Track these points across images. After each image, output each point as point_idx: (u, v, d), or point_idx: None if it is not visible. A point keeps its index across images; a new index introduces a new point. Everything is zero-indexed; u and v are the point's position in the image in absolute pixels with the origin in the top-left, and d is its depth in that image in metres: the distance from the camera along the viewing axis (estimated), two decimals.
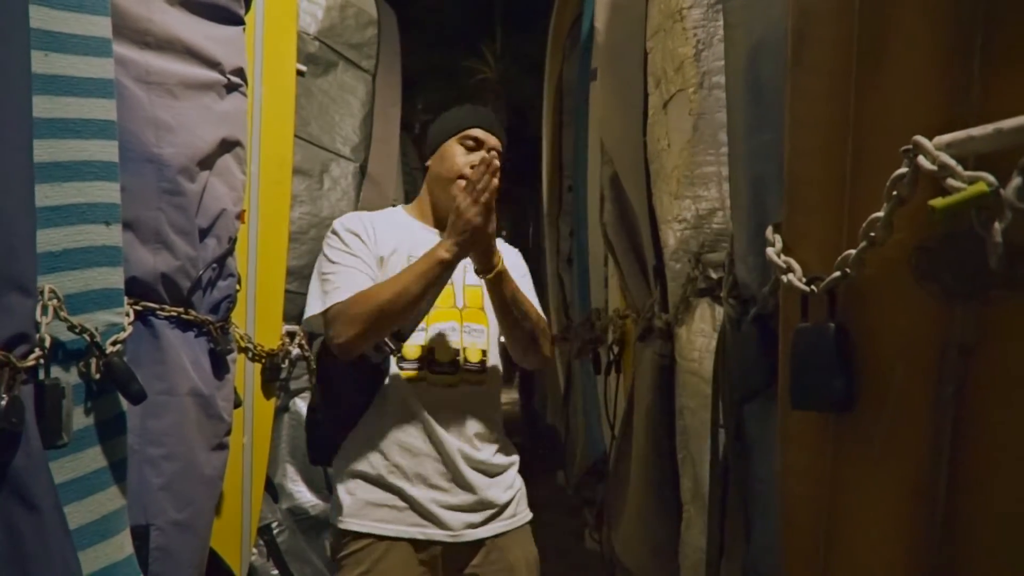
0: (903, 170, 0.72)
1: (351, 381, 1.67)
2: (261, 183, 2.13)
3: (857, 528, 0.81)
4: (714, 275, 1.40)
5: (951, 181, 0.64)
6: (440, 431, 1.63)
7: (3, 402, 1.05)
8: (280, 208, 2.22)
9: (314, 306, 1.63)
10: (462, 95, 14.06)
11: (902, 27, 0.78)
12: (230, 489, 2.01)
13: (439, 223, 1.75)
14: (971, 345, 0.71)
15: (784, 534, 0.91)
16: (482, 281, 1.63)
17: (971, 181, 0.62)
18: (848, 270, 0.79)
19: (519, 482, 1.76)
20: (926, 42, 0.76)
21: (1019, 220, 0.60)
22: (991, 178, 0.61)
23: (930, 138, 0.71)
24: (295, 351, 2.57)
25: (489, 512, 1.67)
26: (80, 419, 1.31)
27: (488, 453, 1.69)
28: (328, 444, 1.73)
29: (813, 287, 0.83)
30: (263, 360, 2.21)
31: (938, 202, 0.63)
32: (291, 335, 2.56)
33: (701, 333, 1.47)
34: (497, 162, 1.49)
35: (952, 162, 0.66)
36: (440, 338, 1.65)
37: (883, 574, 0.79)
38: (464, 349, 1.66)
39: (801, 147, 0.88)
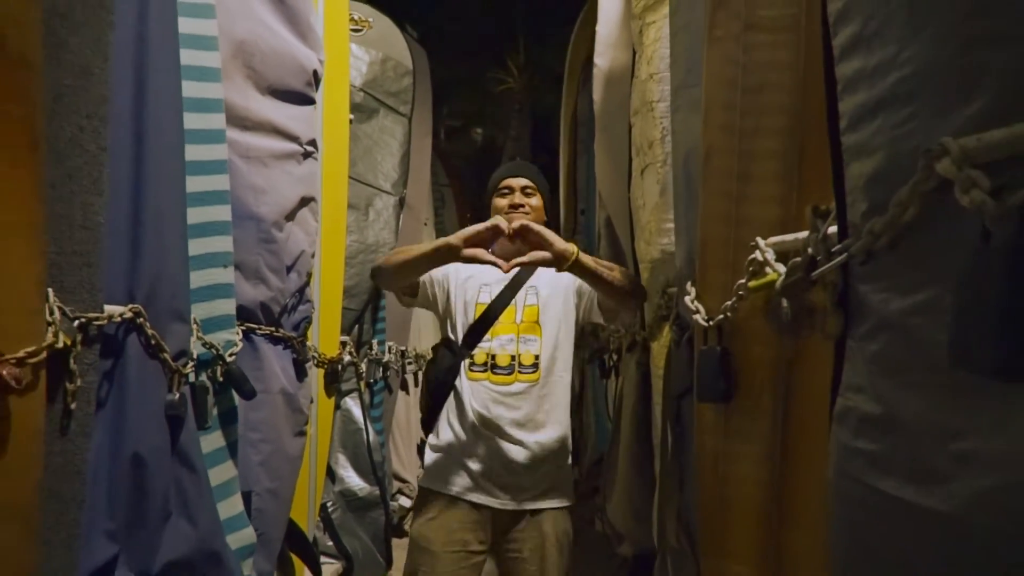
0: (753, 256, 1.19)
1: (438, 380, 2.20)
2: (323, 223, 2.62)
3: (734, 478, 1.28)
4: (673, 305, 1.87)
5: (767, 269, 1.11)
6: (496, 420, 2.09)
7: (176, 397, 1.54)
8: (338, 243, 2.71)
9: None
10: (487, 104, 14.53)
11: (758, 162, 1.25)
12: (300, 472, 2.50)
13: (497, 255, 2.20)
14: (792, 360, 1.18)
15: (699, 488, 1.38)
16: (538, 301, 2.14)
17: (774, 271, 1.09)
18: (728, 314, 1.26)
19: (564, 472, 2.18)
20: (771, 172, 1.23)
21: (797, 296, 1.06)
22: (782, 269, 1.07)
23: (767, 237, 1.18)
24: (346, 358, 3.07)
25: (530, 492, 2.12)
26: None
27: (539, 437, 2.11)
28: (430, 421, 2.25)
29: (710, 323, 1.30)
30: (325, 366, 2.70)
31: (752, 283, 1.10)
32: (343, 344, 3.06)
33: (665, 347, 1.93)
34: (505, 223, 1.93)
35: (771, 258, 1.12)
36: (500, 347, 2.14)
37: (748, 508, 1.26)
38: (519, 355, 2.13)
39: (706, 234, 1.35)
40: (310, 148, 2.21)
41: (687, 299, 1.36)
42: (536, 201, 2.25)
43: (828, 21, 0.84)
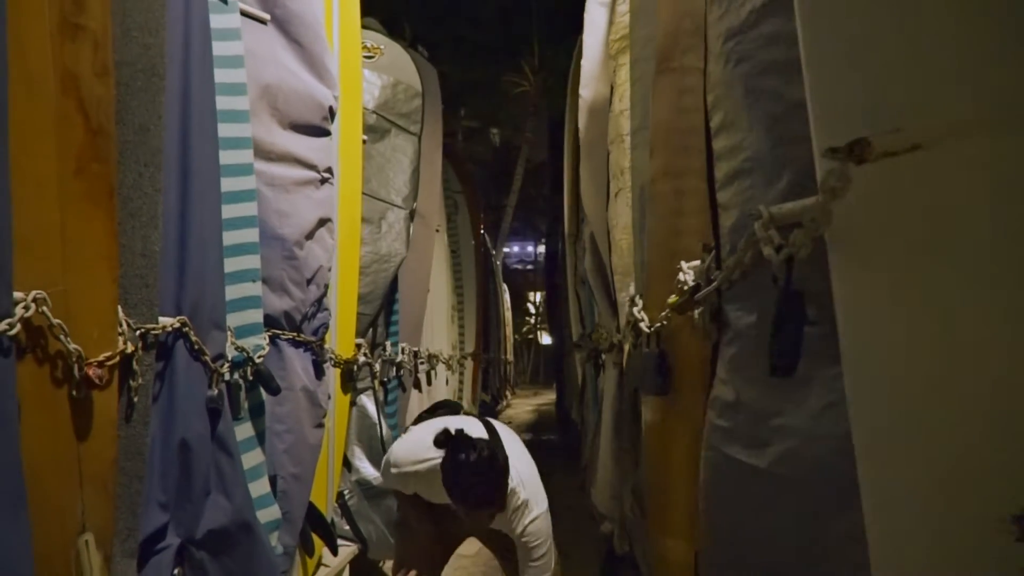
0: (680, 276, 1.47)
1: None
2: (339, 236, 2.92)
3: (670, 463, 1.56)
4: None
5: (683, 288, 1.39)
6: None
7: (215, 393, 1.84)
8: (353, 254, 3.01)
9: None
10: (503, 106, 14.83)
11: (688, 199, 1.53)
12: (319, 461, 2.80)
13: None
14: (710, 359, 1.46)
15: (645, 470, 1.66)
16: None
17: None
18: (664, 322, 1.54)
19: None
20: (696, 209, 1.51)
21: (706, 309, 1.34)
22: (693, 286, 1.35)
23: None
24: (361, 359, 3.36)
25: None
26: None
27: None
28: None
29: (651, 329, 1.58)
30: (341, 366, 3.00)
31: (671, 300, 1.38)
32: (358, 346, 3.36)
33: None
34: None
35: (690, 278, 1.41)
36: None
37: (681, 490, 1.54)
38: None
39: (651, 256, 1.63)
40: (327, 175, 2.51)
41: (635, 309, 1.65)
42: None
43: (707, 108, 1.13)
